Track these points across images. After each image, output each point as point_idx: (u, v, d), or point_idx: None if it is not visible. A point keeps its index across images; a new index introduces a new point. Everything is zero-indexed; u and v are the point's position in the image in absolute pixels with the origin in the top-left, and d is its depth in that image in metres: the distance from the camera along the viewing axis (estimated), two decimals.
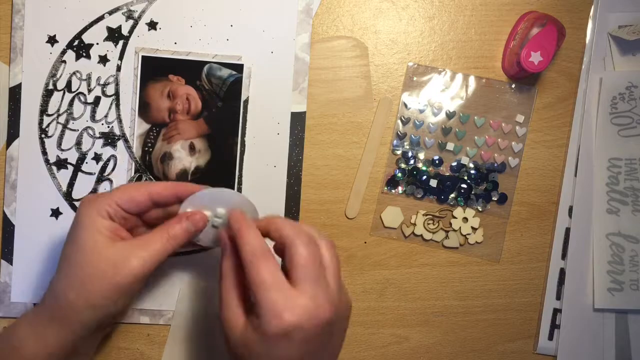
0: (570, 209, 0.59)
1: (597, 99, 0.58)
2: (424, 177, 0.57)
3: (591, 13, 0.58)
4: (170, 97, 0.56)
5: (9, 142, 0.56)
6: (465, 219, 0.58)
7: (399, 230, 0.58)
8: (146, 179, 0.56)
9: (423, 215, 0.58)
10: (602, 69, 0.58)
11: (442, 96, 0.58)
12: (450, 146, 0.58)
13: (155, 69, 0.56)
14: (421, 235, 0.58)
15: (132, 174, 0.56)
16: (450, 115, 0.58)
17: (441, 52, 0.58)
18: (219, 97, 0.56)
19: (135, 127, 0.56)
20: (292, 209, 0.57)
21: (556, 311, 0.59)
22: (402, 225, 0.58)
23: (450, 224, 0.58)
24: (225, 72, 0.56)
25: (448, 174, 0.58)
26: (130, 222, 0.48)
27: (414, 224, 0.58)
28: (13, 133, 0.56)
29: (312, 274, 0.42)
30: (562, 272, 0.59)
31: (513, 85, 0.58)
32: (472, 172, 0.58)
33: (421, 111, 0.58)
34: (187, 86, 0.56)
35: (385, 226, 0.58)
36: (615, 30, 0.57)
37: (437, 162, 0.58)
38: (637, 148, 0.58)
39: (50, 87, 0.56)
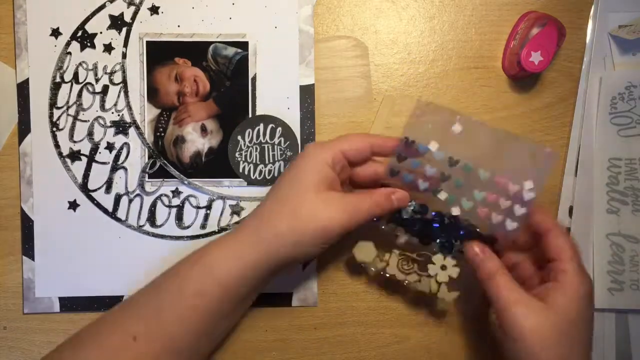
0: (571, 209, 0.58)
1: (597, 98, 0.57)
2: (408, 217, 0.51)
3: (591, 13, 0.58)
4: (178, 80, 0.56)
5: (20, 139, 0.56)
6: (444, 267, 0.52)
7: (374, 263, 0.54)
8: (160, 164, 0.56)
9: (398, 255, 0.53)
10: (602, 68, 0.58)
11: (447, 139, 0.50)
12: (442, 195, 0.50)
13: (160, 53, 0.56)
14: (394, 275, 0.53)
15: (146, 160, 0.56)
16: (452, 163, 0.50)
17: (441, 52, 0.58)
18: (226, 77, 0.56)
19: (145, 113, 0.56)
20: None
21: None
22: (375, 259, 0.53)
23: (427, 268, 0.53)
24: (230, 51, 0.56)
25: (436, 219, 0.52)
26: (342, 175, 0.51)
27: (387, 263, 0.53)
28: (24, 129, 0.56)
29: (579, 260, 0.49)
30: None
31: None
32: (462, 227, 0.51)
33: (422, 152, 0.50)
34: (194, 68, 0.56)
35: (357, 261, 0.54)
36: (616, 30, 0.57)
37: (423, 209, 0.51)
38: (637, 148, 0.57)
39: (58, 79, 0.56)
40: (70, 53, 0.56)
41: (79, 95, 0.56)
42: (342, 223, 0.47)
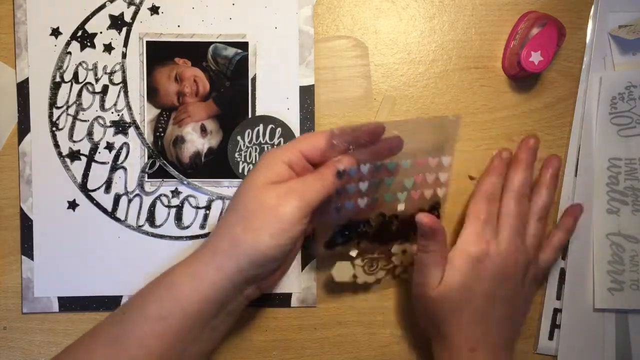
0: None
1: (597, 98, 0.57)
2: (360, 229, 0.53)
3: (591, 13, 0.58)
4: (178, 80, 0.56)
5: (20, 138, 0.56)
6: (405, 251, 0.55)
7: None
8: (160, 164, 0.56)
9: (361, 261, 0.54)
10: (602, 68, 0.58)
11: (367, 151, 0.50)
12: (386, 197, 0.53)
13: (160, 54, 0.56)
14: (366, 282, 0.55)
15: (146, 160, 0.56)
16: (377, 168, 0.51)
17: (441, 52, 0.58)
18: (226, 77, 0.56)
19: (145, 113, 0.56)
20: None
21: (556, 311, 0.58)
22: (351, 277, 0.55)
23: (392, 261, 0.55)
24: (230, 51, 0.56)
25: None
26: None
27: (355, 276, 0.55)
28: (24, 128, 0.56)
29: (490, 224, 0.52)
30: (562, 272, 0.58)
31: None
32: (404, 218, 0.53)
33: (353, 175, 0.50)
34: (194, 68, 0.56)
35: (336, 282, 0.54)
36: (616, 30, 0.57)
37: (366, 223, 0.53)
38: (637, 148, 0.57)
39: (58, 79, 0.56)
40: (70, 53, 0.56)
41: (79, 95, 0.56)
42: (293, 203, 0.45)
